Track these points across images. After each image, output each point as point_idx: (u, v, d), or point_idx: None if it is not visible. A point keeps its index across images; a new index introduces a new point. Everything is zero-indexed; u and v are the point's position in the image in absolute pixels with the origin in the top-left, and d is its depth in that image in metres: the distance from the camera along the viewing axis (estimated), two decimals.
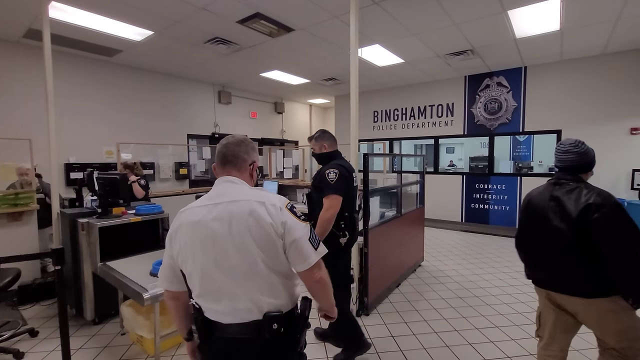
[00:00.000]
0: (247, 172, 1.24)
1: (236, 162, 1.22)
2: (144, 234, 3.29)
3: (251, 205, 1.08)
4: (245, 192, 1.14)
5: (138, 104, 6.14)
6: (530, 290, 3.68)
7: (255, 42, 4.86)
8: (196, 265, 1.08)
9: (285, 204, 1.14)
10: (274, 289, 1.08)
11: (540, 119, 6.03)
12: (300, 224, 1.11)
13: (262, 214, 1.07)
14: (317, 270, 1.14)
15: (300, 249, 1.09)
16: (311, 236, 1.12)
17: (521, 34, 4.63)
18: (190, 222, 1.10)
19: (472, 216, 6.81)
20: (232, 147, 1.22)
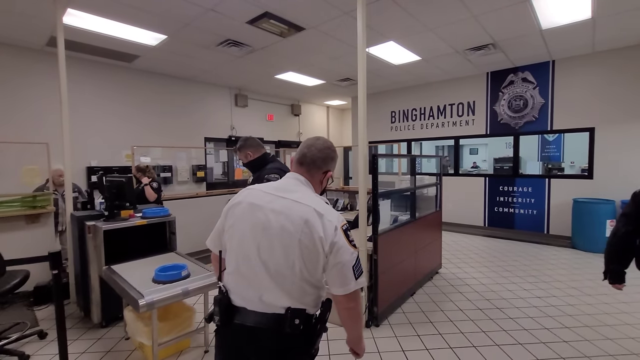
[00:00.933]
0: (318, 179, 1.27)
1: (312, 166, 1.25)
2: (151, 237, 3.27)
3: (310, 213, 1.10)
4: (310, 197, 1.16)
5: (157, 108, 6.26)
6: (559, 304, 3.36)
7: (267, 43, 4.81)
8: (240, 245, 1.14)
9: (342, 223, 1.12)
10: (302, 294, 1.10)
11: (570, 117, 5.60)
12: (349, 249, 1.10)
13: (316, 226, 1.07)
14: (353, 300, 1.13)
15: (341, 274, 1.09)
16: (356, 264, 1.11)
17: (547, 25, 4.30)
18: (250, 203, 1.16)
19: (496, 220, 6.42)
20: (314, 151, 1.25)
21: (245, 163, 2.44)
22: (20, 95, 4.78)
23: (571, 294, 3.60)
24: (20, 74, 4.79)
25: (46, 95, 4.93)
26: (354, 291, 1.10)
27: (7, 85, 4.67)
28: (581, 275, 4.16)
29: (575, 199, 5.34)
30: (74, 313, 3.29)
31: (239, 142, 2.45)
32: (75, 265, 3.26)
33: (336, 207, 5.05)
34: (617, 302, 3.37)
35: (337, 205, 5.05)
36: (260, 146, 2.43)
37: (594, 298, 3.48)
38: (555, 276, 4.13)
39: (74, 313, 3.29)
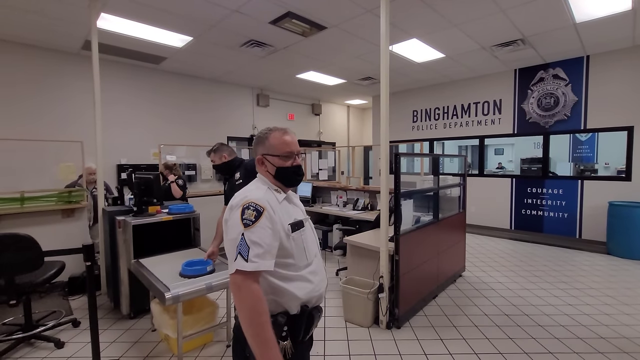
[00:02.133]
0: (260, 168, 1.25)
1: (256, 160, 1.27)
2: (177, 232, 3.37)
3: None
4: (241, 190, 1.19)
5: (182, 108, 6.45)
6: (594, 312, 3.19)
7: (289, 42, 4.84)
8: None
9: (243, 203, 1.08)
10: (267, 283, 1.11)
11: (606, 115, 5.29)
12: (236, 227, 1.05)
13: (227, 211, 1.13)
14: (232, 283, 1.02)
15: (228, 250, 1.06)
16: (241, 243, 1.02)
17: (582, 18, 4.08)
18: None
19: (523, 223, 6.17)
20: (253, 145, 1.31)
21: (221, 163, 2.70)
22: (56, 96, 5.04)
23: (607, 302, 3.41)
24: (57, 76, 5.05)
25: (80, 96, 5.18)
26: (234, 273, 1.01)
27: (45, 87, 4.95)
28: (618, 283, 3.92)
29: (611, 202, 5.05)
30: (104, 304, 3.44)
31: (215, 145, 2.78)
32: (106, 258, 3.41)
33: (356, 207, 5.01)
34: None
35: (357, 205, 5.01)
36: (233, 151, 2.78)
37: (632, 308, 3.27)
38: (589, 283, 3.92)
39: (104, 304, 3.44)
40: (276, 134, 1.22)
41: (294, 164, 1.23)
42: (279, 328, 1.06)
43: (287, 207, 1.18)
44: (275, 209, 1.11)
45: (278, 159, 1.21)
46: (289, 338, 1.09)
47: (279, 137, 1.22)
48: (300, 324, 1.13)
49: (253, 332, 0.97)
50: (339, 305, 3.28)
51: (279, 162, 1.21)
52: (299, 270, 1.14)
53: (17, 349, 2.62)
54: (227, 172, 2.73)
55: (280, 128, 1.25)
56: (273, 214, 1.08)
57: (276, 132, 1.23)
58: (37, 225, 3.54)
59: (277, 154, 1.21)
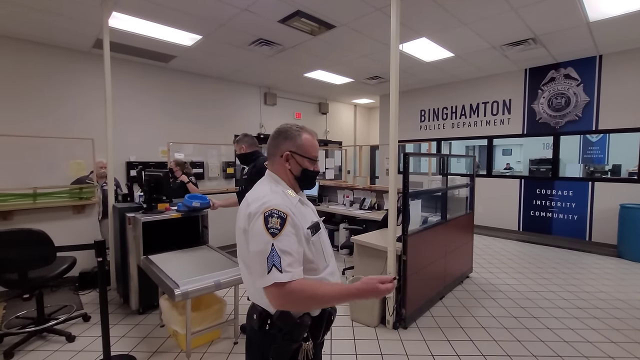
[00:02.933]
0: (281, 166, 1.20)
1: (270, 157, 1.23)
2: (185, 230, 3.41)
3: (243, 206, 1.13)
4: (254, 190, 1.18)
5: (190, 106, 6.50)
6: (604, 316, 3.15)
7: (298, 41, 4.85)
8: None
9: (265, 209, 1.03)
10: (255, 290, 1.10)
11: (619, 116, 5.20)
12: (263, 237, 1.00)
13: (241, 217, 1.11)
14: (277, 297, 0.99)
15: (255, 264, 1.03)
16: (270, 255, 0.98)
17: (596, 16, 4.01)
18: None
19: (532, 225, 6.11)
20: (269, 140, 1.25)
21: (239, 154, 2.84)
22: (67, 93, 5.11)
23: (617, 306, 3.36)
24: (68, 74, 5.12)
25: (91, 93, 5.25)
26: (270, 286, 0.97)
27: (56, 85, 5.02)
28: (629, 287, 3.87)
29: (622, 205, 4.96)
30: (114, 299, 3.48)
31: (240, 135, 2.88)
32: (116, 254, 3.46)
33: (363, 207, 5.01)
34: None
35: (364, 205, 5.01)
36: (255, 145, 2.85)
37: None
38: (599, 286, 3.87)
39: (114, 299, 3.49)
40: (308, 137, 1.21)
41: (316, 169, 1.24)
42: (304, 329, 1.08)
43: (301, 209, 1.15)
44: (295, 213, 1.08)
45: (307, 161, 1.20)
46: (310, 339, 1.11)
47: (311, 140, 1.21)
48: (321, 325, 1.13)
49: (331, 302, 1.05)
50: (345, 304, 3.29)
51: (307, 164, 1.20)
52: (320, 273, 1.13)
53: (29, 342, 2.67)
54: (244, 163, 2.88)
55: (309, 130, 1.23)
56: (295, 220, 1.06)
57: (307, 134, 1.21)
58: (49, 220, 3.61)
59: (307, 155, 1.19)
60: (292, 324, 1.06)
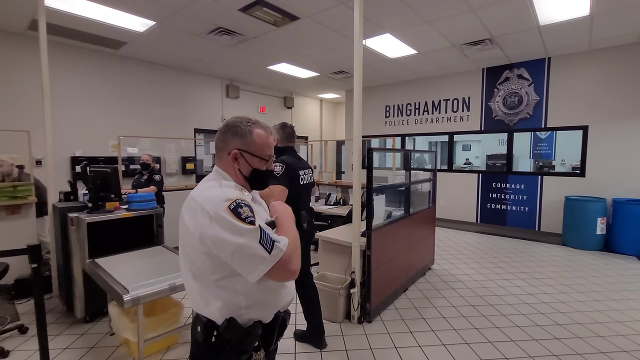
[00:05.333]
0: (228, 164, 1.08)
1: (217, 153, 1.11)
2: (138, 229, 3.17)
3: (189, 204, 1.00)
4: (201, 187, 1.06)
5: (145, 97, 6.08)
6: (551, 301, 3.37)
7: (260, 32, 4.67)
8: None
9: (228, 204, 0.93)
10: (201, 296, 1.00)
11: (564, 114, 5.61)
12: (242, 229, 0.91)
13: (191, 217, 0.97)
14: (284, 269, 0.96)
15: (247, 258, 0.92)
16: (262, 238, 0.93)
17: (546, 21, 4.26)
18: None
19: (488, 217, 6.45)
20: (217, 135, 1.12)
21: None
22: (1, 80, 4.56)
23: (563, 291, 3.62)
24: (2, 59, 4.56)
25: (29, 82, 4.72)
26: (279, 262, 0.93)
27: None
28: (572, 272, 4.19)
29: (567, 197, 5.37)
30: (56, 307, 3.17)
31: (278, 124, 2.48)
32: (58, 258, 3.14)
33: (328, 202, 4.98)
34: (607, 300, 3.39)
35: (329, 200, 4.98)
36: (289, 141, 2.45)
37: (585, 295, 3.50)
38: (547, 273, 4.15)
39: (57, 307, 3.17)
40: (261, 133, 1.09)
41: (269, 169, 1.14)
42: (254, 339, 0.99)
43: (255, 207, 1.04)
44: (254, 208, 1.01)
45: (258, 160, 1.09)
46: (262, 347, 1.04)
47: (263, 137, 1.10)
48: (273, 331, 1.07)
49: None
50: None
51: (257, 164, 1.09)
52: None
53: None
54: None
55: (263, 125, 1.12)
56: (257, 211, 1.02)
57: (260, 129, 1.10)
58: None
59: (258, 155, 1.09)
60: (240, 335, 0.97)
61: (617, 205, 4.95)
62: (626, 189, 5.09)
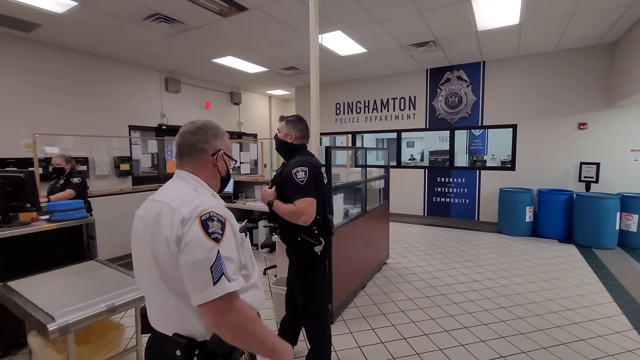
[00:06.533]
0: (208, 166, 1.08)
1: (193, 154, 1.05)
2: (64, 243, 2.71)
3: (161, 209, 0.92)
4: (170, 192, 0.98)
5: (67, 89, 5.29)
6: (494, 285, 3.65)
7: (204, 21, 4.33)
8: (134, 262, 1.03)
9: (200, 213, 0.88)
10: (179, 312, 0.90)
11: (497, 114, 6.15)
12: (203, 244, 0.85)
13: (164, 223, 0.89)
14: (220, 312, 0.84)
15: (194, 277, 0.84)
16: (215, 264, 0.84)
17: (483, 27, 4.59)
18: (136, 214, 1.02)
19: (434, 209, 6.85)
20: (188, 136, 1.06)
21: (282, 140, 2.06)
22: None
23: (503, 275, 3.95)
24: None
25: None
26: (217, 300, 0.82)
27: None
28: (509, 257, 4.60)
29: (501, 189, 5.91)
30: None
31: (293, 115, 2.11)
32: None
33: None
34: (539, 281, 3.77)
35: None
36: (307, 138, 2.13)
37: (521, 278, 3.85)
38: (488, 260, 4.51)
39: None
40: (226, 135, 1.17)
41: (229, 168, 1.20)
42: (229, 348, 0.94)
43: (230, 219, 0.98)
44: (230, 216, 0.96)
45: (230, 160, 1.17)
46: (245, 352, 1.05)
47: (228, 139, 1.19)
48: None
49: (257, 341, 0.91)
50: (269, 307, 3.08)
51: (229, 165, 1.17)
52: (250, 279, 1.03)
53: None
54: (284, 155, 2.11)
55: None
56: (233, 222, 0.96)
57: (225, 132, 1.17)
58: None
59: (231, 155, 1.18)
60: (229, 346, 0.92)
61: (541, 195, 5.57)
62: (548, 180, 5.76)
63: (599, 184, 5.32)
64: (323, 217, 2.02)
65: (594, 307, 3.13)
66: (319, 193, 1.94)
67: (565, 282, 3.71)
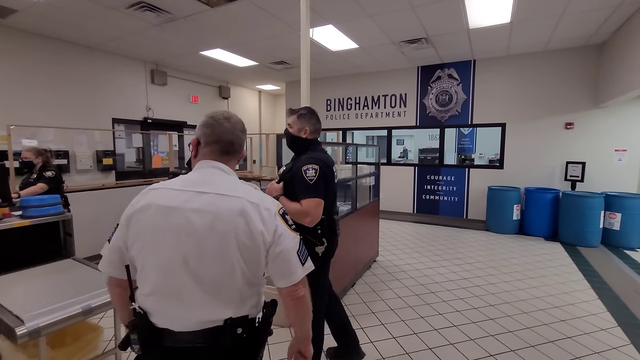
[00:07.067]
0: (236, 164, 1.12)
1: (239, 152, 1.08)
2: (41, 240, 2.57)
3: (243, 205, 0.93)
4: (237, 187, 0.99)
5: (47, 79, 5.06)
6: (483, 283, 3.66)
7: (192, 11, 4.18)
8: (158, 259, 0.92)
9: (278, 208, 1.01)
10: (243, 299, 0.96)
11: (487, 113, 6.19)
12: (290, 234, 1.00)
13: (254, 218, 0.93)
14: (302, 287, 1.02)
15: (286, 262, 0.98)
16: (300, 249, 1.01)
17: (474, 24, 4.57)
18: (162, 206, 0.93)
19: (424, 207, 6.87)
20: (240, 135, 1.07)
21: (294, 135, 1.98)
22: None
23: (491, 273, 3.96)
24: None
25: None
26: (302, 278, 1.01)
27: None
28: (496, 255, 4.63)
29: (490, 187, 5.96)
30: None
31: (304, 108, 2.03)
32: None
33: None
34: (526, 278, 3.80)
35: None
36: (319, 132, 2.06)
37: (509, 276, 3.88)
38: (477, 257, 4.53)
39: None
40: None
41: None
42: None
43: None
44: None
45: None
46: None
47: None
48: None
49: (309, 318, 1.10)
50: None
51: None
52: None
53: None
54: (295, 151, 2.03)
55: None
56: None
57: None
58: None
59: None
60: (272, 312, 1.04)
61: (529, 193, 5.64)
62: (536, 178, 5.84)
63: (584, 183, 5.41)
64: (329, 217, 1.95)
65: (579, 305, 3.17)
66: (328, 193, 1.87)
67: (552, 280, 3.75)
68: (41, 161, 3.47)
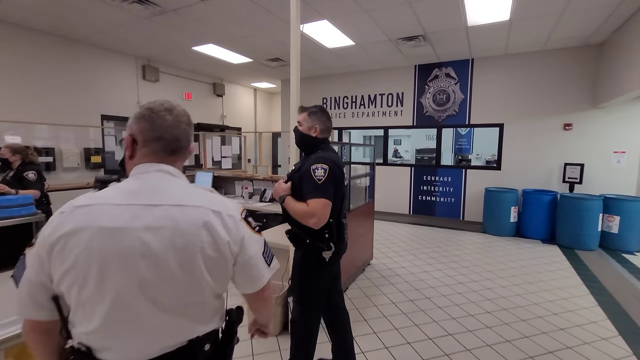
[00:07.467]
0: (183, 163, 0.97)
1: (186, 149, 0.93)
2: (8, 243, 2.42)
3: (205, 215, 0.82)
4: (193, 194, 0.86)
5: (31, 73, 4.89)
6: (479, 288, 3.55)
7: (181, 4, 4.04)
8: (104, 292, 0.74)
9: (240, 211, 0.92)
10: (210, 314, 0.88)
11: (484, 113, 6.08)
12: (254, 237, 0.92)
13: (218, 229, 0.82)
14: (267, 289, 0.99)
15: (254, 269, 0.92)
16: (265, 250, 0.96)
17: (473, 22, 4.46)
18: (103, 228, 0.75)
19: (420, 208, 6.76)
20: (187, 128, 0.91)
21: (304, 134, 1.88)
22: None
23: (488, 277, 3.86)
24: None
25: None
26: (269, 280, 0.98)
27: None
28: (493, 258, 4.53)
29: (487, 188, 5.86)
30: None
31: (315, 106, 1.92)
32: None
33: (263, 199, 4.61)
34: (524, 283, 3.70)
35: (264, 197, 4.61)
36: (329, 131, 1.95)
37: (506, 280, 3.77)
38: (473, 260, 4.42)
39: None
40: None
41: None
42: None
43: None
44: None
45: None
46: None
47: None
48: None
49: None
50: None
51: None
52: None
53: None
54: (304, 150, 1.96)
55: None
56: None
57: None
58: None
59: None
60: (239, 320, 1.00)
61: (526, 195, 5.54)
62: (533, 180, 5.74)
63: (582, 185, 5.32)
64: (337, 221, 1.84)
65: (579, 312, 3.07)
66: (337, 194, 1.79)
67: (550, 285, 3.65)
68: (19, 159, 3.30)
